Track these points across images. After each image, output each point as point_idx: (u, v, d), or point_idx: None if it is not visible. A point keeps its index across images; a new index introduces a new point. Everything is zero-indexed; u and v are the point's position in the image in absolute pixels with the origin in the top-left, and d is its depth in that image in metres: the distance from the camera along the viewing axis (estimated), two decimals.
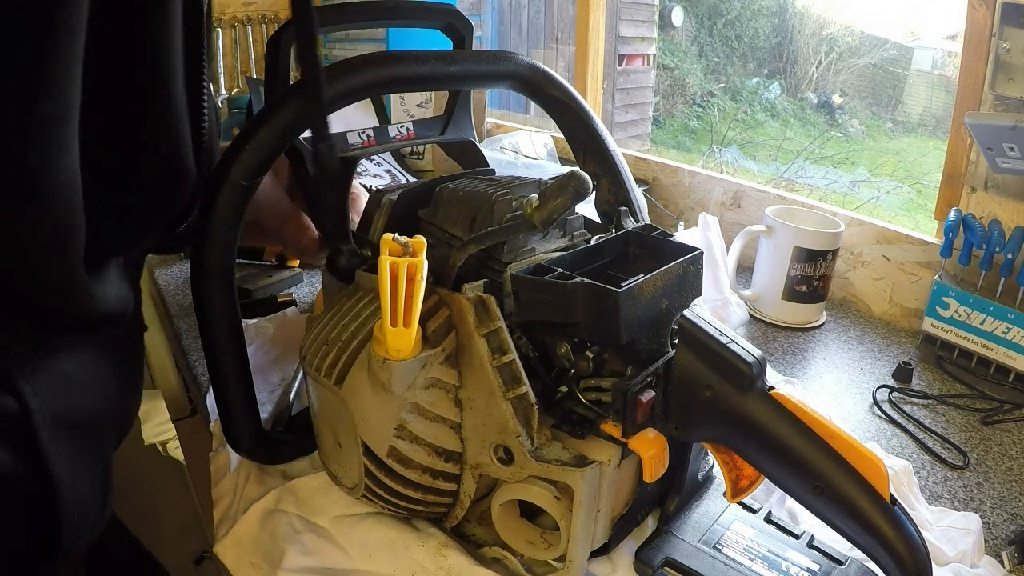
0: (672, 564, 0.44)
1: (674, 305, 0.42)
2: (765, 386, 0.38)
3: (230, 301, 0.46)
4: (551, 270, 0.41)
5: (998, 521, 0.54)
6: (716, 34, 4.69)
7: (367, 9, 0.55)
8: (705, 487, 0.51)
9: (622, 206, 0.53)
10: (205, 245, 0.44)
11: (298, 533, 0.47)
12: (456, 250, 0.42)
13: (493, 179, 0.53)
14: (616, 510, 0.44)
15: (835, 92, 4.31)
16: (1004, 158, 0.72)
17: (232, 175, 0.43)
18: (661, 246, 0.45)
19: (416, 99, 1.24)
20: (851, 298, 0.94)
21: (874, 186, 3.39)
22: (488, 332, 0.40)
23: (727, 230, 0.97)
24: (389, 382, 0.38)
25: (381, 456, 0.41)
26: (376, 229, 0.51)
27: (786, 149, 3.88)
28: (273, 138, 0.44)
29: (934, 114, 3.96)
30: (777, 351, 0.79)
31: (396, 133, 0.58)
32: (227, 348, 0.46)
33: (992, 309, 0.74)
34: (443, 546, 0.45)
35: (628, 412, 0.38)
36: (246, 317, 0.71)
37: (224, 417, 0.49)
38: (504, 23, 3.96)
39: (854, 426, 0.66)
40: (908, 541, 0.35)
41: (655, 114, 4.39)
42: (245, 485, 0.52)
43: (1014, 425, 0.67)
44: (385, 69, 0.46)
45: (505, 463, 0.41)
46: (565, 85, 0.55)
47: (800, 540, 0.46)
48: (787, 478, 0.38)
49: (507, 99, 2.42)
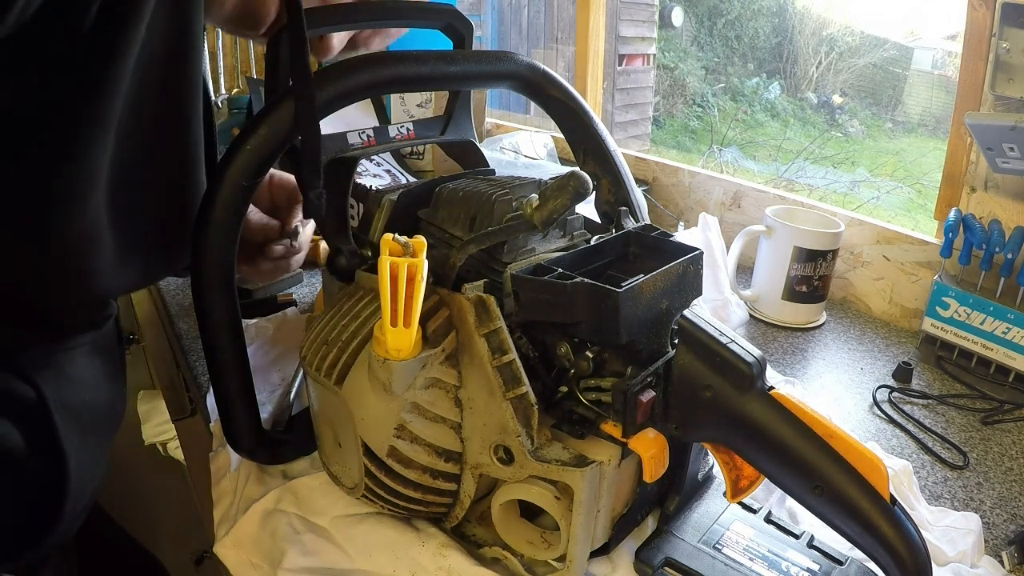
0: (672, 564, 0.44)
1: (674, 305, 0.42)
2: (765, 386, 0.38)
3: (230, 301, 0.46)
4: (551, 270, 0.41)
5: (998, 521, 0.54)
6: (716, 34, 4.69)
7: (367, 9, 0.55)
8: (705, 487, 0.51)
9: (622, 206, 0.53)
10: (205, 246, 0.44)
11: (298, 533, 0.47)
12: (456, 250, 0.42)
13: (493, 179, 0.53)
14: (616, 510, 0.44)
15: (835, 92, 4.31)
16: (1004, 158, 0.72)
17: (232, 175, 0.43)
18: (661, 246, 0.45)
19: (416, 99, 1.23)
20: (851, 298, 0.94)
21: (874, 186, 3.39)
22: (488, 332, 0.40)
23: (727, 230, 0.97)
24: (389, 382, 0.38)
25: (381, 456, 0.41)
26: (376, 229, 0.51)
27: (786, 149, 3.88)
28: (273, 138, 0.44)
29: (934, 114, 3.96)
30: (777, 351, 0.79)
31: (396, 133, 0.58)
32: (227, 348, 0.46)
33: (992, 309, 0.74)
34: (443, 546, 0.45)
35: (628, 412, 0.38)
36: (246, 317, 0.71)
37: (224, 417, 0.49)
38: (504, 23, 3.96)
39: (854, 426, 0.66)
40: (908, 541, 0.35)
41: (655, 114, 4.39)
42: (245, 485, 0.52)
43: (1014, 425, 0.67)
44: (385, 69, 0.46)
45: (505, 463, 0.41)
46: (565, 85, 0.55)
47: (800, 540, 0.46)
48: (787, 478, 0.38)
49: (507, 99, 2.42)
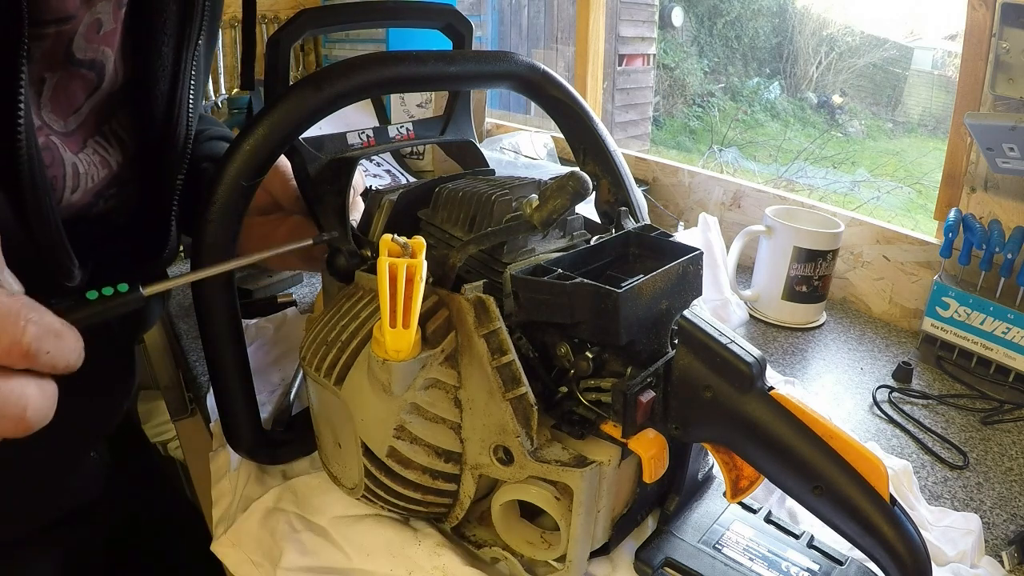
0: (672, 564, 0.44)
1: (674, 305, 0.42)
2: (765, 386, 0.38)
3: (230, 301, 0.46)
4: (551, 270, 0.41)
5: (998, 521, 0.54)
6: (716, 34, 4.69)
7: (367, 9, 0.55)
8: (705, 487, 0.51)
9: (622, 206, 0.53)
10: (205, 245, 0.44)
11: (297, 532, 0.47)
12: (456, 250, 0.42)
13: (493, 179, 0.53)
14: (616, 510, 0.44)
15: (835, 92, 4.30)
16: (1004, 158, 0.72)
17: (232, 175, 0.43)
18: (661, 246, 0.45)
19: (416, 99, 1.23)
20: (851, 298, 0.94)
21: (874, 186, 3.39)
22: (488, 332, 0.40)
23: (727, 230, 0.96)
24: (389, 383, 0.38)
25: (381, 456, 0.41)
26: (376, 229, 0.51)
27: (786, 149, 3.87)
28: (273, 138, 0.44)
29: (934, 114, 3.95)
30: (777, 351, 0.79)
31: (396, 133, 0.58)
32: (227, 348, 0.46)
33: (992, 309, 0.74)
34: (439, 545, 0.45)
35: (628, 412, 0.38)
36: (246, 317, 0.71)
37: (224, 417, 0.49)
38: (504, 23, 3.96)
39: (854, 426, 0.66)
40: (908, 541, 0.35)
41: (655, 114, 4.38)
42: (245, 485, 0.52)
43: (1014, 425, 0.67)
44: (385, 69, 0.46)
45: (505, 463, 0.41)
46: (565, 85, 0.55)
47: (800, 540, 0.46)
48: (787, 478, 0.38)
49: (507, 99, 2.41)
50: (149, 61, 0.48)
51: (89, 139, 0.48)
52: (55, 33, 0.41)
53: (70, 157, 0.45)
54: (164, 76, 0.49)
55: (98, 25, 0.43)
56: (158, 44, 0.48)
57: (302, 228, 0.58)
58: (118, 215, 0.51)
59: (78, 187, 0.46)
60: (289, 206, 0.59)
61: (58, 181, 0.44)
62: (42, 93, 0.43)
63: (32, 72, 0.41)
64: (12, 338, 0.28)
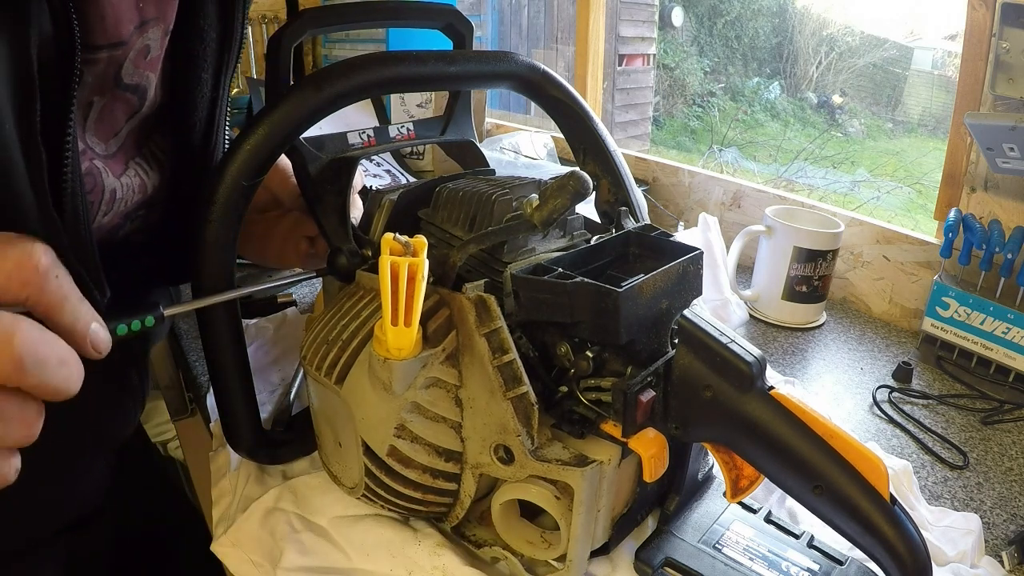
0: (672, 564, 0.44)
1: (674, 305, 0.42)
2: (765, 386, 0.38)
3: (230, 302, 0.46)
4: (551, 270, 0.41)
5: (998, 521, 0.54)
6: (716, 34, 4.69)
7: (367, 9, 0.55)
8: (705, 487, 0.51)
9: (622, 206, 0.54)
10: (205, 245, 0.44)
11: (297, 532, 0.47)
12: (456, 250, 0.42)
13: (493, 179, 0.53)
14: (616, 510, 0.44)
15: (835, 92, 4.30)
16: (1004, 158, 0.72)
17: (232, 175, 0.43)
18: (661, 246, 0.46)
19: (416, 99, 1.24)
20: (851, 298, 0.94)
21: (874, 186, 3.39)
22: (488, 332, 0.40)
23: (727, 230, 0.97)
24: (390, 381, 0.38)
25: (381, 456, 0.41)
26: (376, 229, 0.51)
27: (786, 149, 3.88)
28: (273, 138, 0.44)
29: (934, 114, 3.96)
30: (777, 351, 0.79)
31: (396, 133, 0.58)
32: (227, 348, 0.46)
33: (992, 309, 0.74)
34: (438, 545, 0.45)
35: (628, 412, 0.38)
36: (246, 317, 0.71)
37: (224, 417, 0.49)
38: (504, 23, 3.96)
39: (854, 426, 0.66)
40: (908, 541, 0.35)
41: (655, 114, 4.38)
42: (245, 485, 0.52)
43: (1014, 425, 0.67)
44: (385, 69, 0.46)
45: (505, 463, 0.41)
46: (565, 85, 0.55)
47: (800, 540, 0.46)
48: (787, 478, 0.38)
49: (507, 99, 2.41)
50: (189, 88, 0.49)
51: (131, 160, 0.48)
52: (107, 58, 0.41)
53: (111, 182, 0.45)
54: (203, 102, 0.50)
55: (146, 51, 0.44)
56: (198, 71, 0.48)
57: (300, 224, 0.58)
58: (141, 235, 0.52)
59: (111, 211, 0.47)
60: (289, 203, 0.59)
61: (94, 206, 0.45)
62: (88, 116, 0.43)
63: (82, 96, 0.41)
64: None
